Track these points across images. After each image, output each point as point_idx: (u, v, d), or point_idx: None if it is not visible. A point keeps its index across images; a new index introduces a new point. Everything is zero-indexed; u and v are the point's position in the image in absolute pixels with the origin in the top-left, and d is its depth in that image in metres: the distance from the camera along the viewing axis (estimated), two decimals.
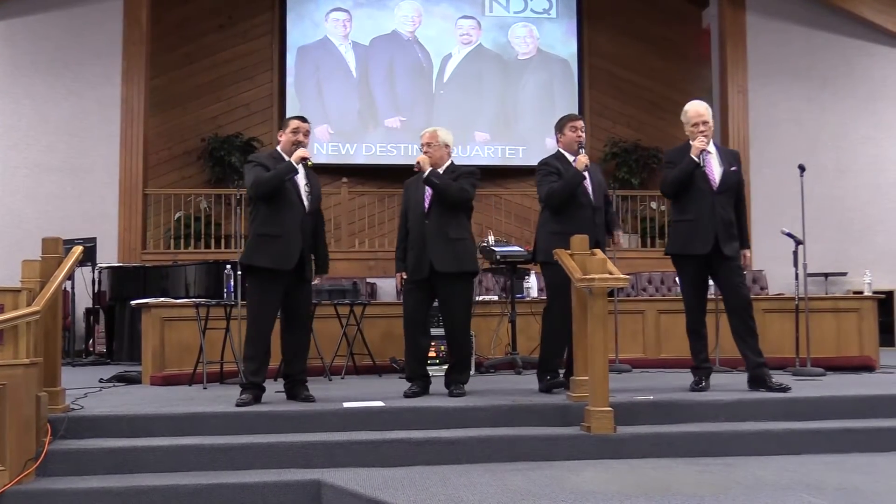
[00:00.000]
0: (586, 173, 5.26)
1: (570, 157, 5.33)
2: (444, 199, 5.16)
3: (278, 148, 5.07)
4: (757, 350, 5.22)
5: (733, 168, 5.34)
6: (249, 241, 4.97)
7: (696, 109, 5.37)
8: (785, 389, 5.05)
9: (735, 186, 5.35)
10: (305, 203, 4.97)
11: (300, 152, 4.90)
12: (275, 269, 4.83)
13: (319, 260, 5.20)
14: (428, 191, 5.22)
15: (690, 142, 5.36)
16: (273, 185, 4.85)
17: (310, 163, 4.94)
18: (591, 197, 5.29)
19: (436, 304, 5.35)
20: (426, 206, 5.21)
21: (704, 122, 5.30)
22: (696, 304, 5.37)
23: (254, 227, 4.97)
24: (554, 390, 5.13)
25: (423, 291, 5.22)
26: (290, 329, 5.01)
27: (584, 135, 5.41)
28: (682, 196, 5.33)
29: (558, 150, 5.45)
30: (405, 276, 5.30)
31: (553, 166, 5.34)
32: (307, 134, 5.04)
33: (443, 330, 5.47)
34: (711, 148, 5.33)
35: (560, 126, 5.45)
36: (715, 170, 5.28)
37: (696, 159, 5.21)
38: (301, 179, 5.00)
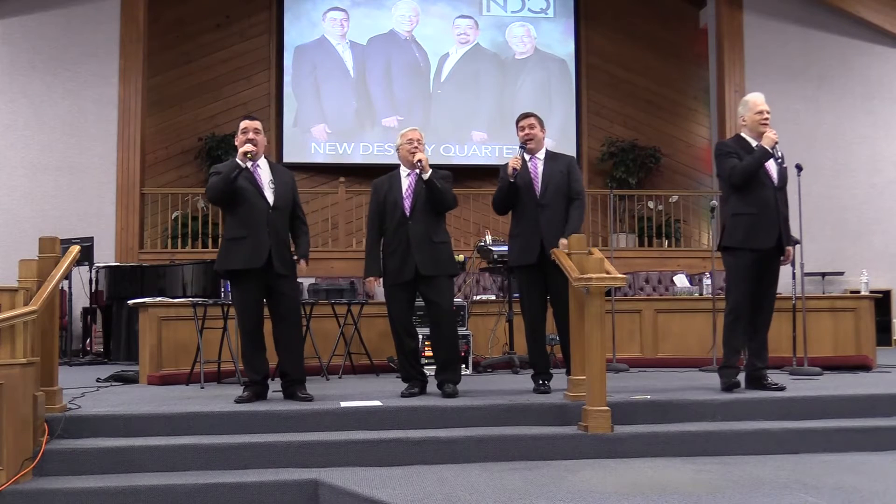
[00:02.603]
0: (538, 170, 5.24)
1: (527, 157, 5.31)
2: (436, 203, 5.15)
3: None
4: (763, 355, 5.22)
5: (784, 165, 5.30)
6: (221, 248, 5.04)
7: (755, 99, 5.31)
8: (780, 388, 5.07)
9: (786, 183, 5.32)
10: (269, 199, 4.97)
11: (243, 148, 4.89)
12: (247, 270, 4.87)
13: (299, 245, 5.19)
14: (408, 192, 5.19)
15: (741, 133, 5.33)
16: (221, 188, 4.88)
17: (249, 156, 4.88)
18: (537, 195, 5.22)
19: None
20: (407, 208, 5.17)
21: (768, 112, 5.25)
22: (746, 300, 5.18)
23: (223, 233, 5.07)
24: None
25: (408, 293, 5.22)
26: (276, 327, 5.03)
27: (533, 131, 5.29)
28: (744, 189, 5.19)
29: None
30: (379, 283, 5.30)
31: (503, 170, 5.32)
32: (257, 131, 5.01)
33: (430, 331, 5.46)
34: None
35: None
36: (772, 165, 5.22)
37: (769, 150, 5.13)
38: (265, 176, 5.01)
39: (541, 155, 5.33)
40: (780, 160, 5.24)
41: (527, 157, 5.29)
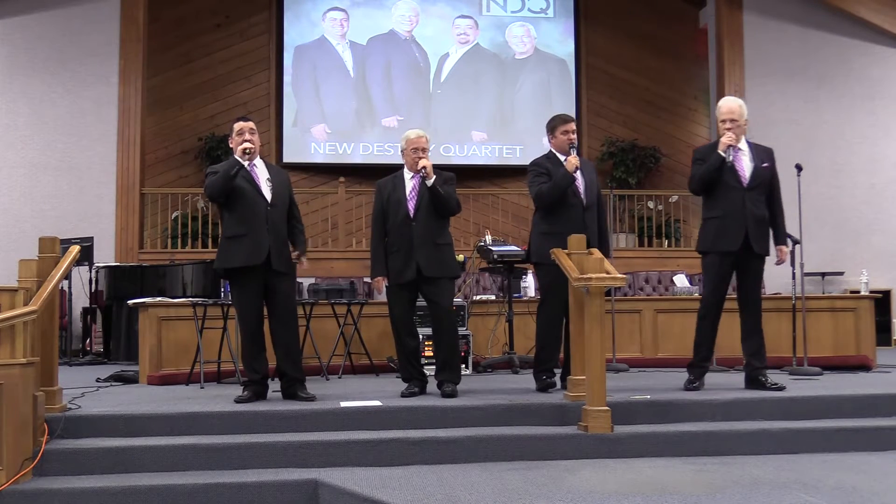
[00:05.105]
0: (578, 174, 5.27)
1: (562, 158, 5.33)
2: (440, 208, 5.18)
3: (233, 156, 5.06)
4: (761, 355, 5.23)
5: (765, 164, 5.30)
6: (220, 247, 5.05)
7: (729, 106, 5.30)
8: (780, 388, 5.08)
9: (767, 183, 5.31)
10: (267, 196, 4.99)
11: (242, 146, 4.92)
12: (248, 267, 4.88)
13: (297, 243, 5.21)
14: (412, 194, 5.20)
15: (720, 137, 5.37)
16: (221, 185, 4.89)
17: (248, 153, 4.90)
18: (583, 197, 5.29)
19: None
20: (411, 209, 5.18)
21: (732, 121, 5.24)
22: (715, 302, 5.28)
23: (222, 232, 5.09)
24: (550, 390, 5.15)
25: (409, 293, 5.23)
26: (274, 326, 5.04)
27: (575, 137, 5.39)
28: (711, 193, 5.28)
29: (550, 151, 5.46)
30: (387, 282, 5.25)
31: (543, 167, 5.36)
32: (253, 131, 5.04)
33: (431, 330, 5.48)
34: (743, 145, 5.30)
35: (551, 127, 5.45)
36: (745, 166, 5.24)
37: (723, 154, 5.17)
38: (262, 174, 5.04)
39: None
40: (730, 162, 5.19)
41: (562, 158, 5.32)
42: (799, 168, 6.85)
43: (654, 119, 12.96)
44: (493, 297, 7.89)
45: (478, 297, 7.84)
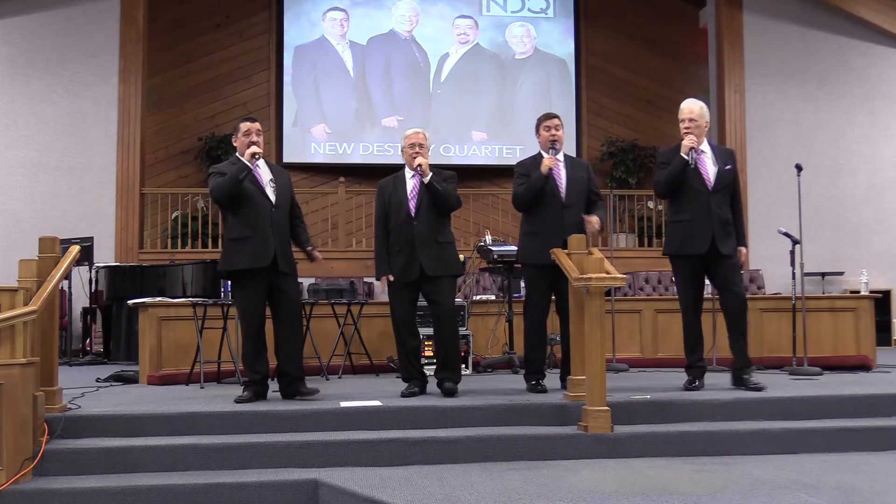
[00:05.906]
0: (562, 171, 5.28)
1: (546, 155, 5.33)
2: (439, 205, 5.19)
3: (237, 154, 5.06)
4: (743, 353, 5.24)
5: (728, 167, 5.31)
6: (224, 248, 5.07)
7: (689, 107, 5.32)
8: (759, 389, 5.04)
9: (730, 185, 5.33)
10: (272, 198, 5.00)
11: (250, 150, 4.93)
12: (252, 269, 4.89)
13: (301, 242, 5.23)
14: (413, 193, 5.21)
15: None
16: (228, 188, 4.89)
17: (258, 156, 4.93)
18: (562, 196, 5.27)
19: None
20: (412, 208, 5.19)
21: (691, 120, 5.25)
22: (693, 304, 5.36)
23: (225, 234, 5.10)
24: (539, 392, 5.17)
25: (411, 292, 5.24)
26: (278, 326, 5.04)
27: (559, 132, 5.36)
28: (677, 196, 5.32)
29: (539, 151, 5.47)
30: (390, 279, 5.23)
31: (525, 168, 5.39)
32: (259, 133, 5.05)
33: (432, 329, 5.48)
34: (705, 147, 5.32)
35: (536, 126, 5.48)
36: (709, 169, 5.26)
37: (686, 157, 5.19)
38: (265, 175, 5.05)
39: (561, 156, 5.36)
40: (692, 165, 5.19)
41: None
42: (799, 168, 6.85)
43: (654, 119, 12.95)
44: (493, 297, 7.89)
45: (478, 297, 7.84)
